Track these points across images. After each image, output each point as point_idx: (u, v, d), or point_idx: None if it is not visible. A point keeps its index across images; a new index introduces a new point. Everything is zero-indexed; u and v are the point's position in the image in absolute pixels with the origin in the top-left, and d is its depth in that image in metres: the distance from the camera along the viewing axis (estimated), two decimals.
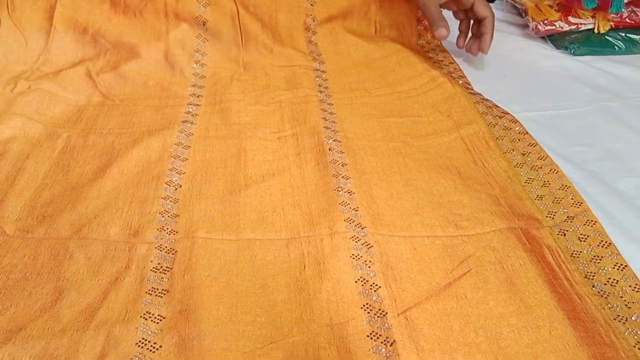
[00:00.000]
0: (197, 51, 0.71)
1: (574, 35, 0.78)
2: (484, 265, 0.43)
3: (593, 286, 0.42)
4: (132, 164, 0.53)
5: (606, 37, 0.78)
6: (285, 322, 0.40)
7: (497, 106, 0.62)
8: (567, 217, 0.47)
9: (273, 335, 0.39)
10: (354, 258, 0.44)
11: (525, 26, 0.83)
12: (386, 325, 0.39)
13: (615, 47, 0.77)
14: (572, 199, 0.48)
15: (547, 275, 0.42)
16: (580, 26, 0.78)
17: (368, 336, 0.38)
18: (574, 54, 0.77)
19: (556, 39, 0.80)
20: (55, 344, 0.37)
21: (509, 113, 0.60)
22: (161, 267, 0.44)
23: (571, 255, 0.44)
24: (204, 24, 0.72)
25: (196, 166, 0.54)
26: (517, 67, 0.75)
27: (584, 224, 0.46)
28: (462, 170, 0.54)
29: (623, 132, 0.61)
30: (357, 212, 0.48)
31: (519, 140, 0.56)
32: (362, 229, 0.46)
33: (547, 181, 0.51)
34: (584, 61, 0.76)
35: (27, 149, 0.55)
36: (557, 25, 0.79)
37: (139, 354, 0.37)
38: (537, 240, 0.45)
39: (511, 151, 0.55)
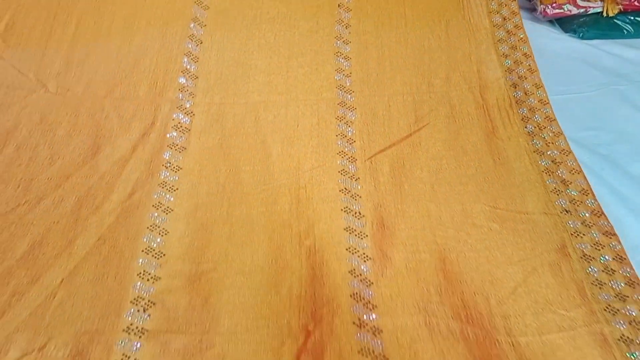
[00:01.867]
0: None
1: (582, 19, 0.78)
2: (441, 118, 0.55)
3: (525, 127, 0.54)
4: (158, 13, 0.61)
5: (615, 20, 0.77)
6: (278, 170, 0.52)
7: None
8: (521, 75, 0.57)
9: (266, 180, 0.51)
10: (337, 119, 0.55)
11: (532, 9, 0.82)
12: (354, 168, 0.51)
13: (624, 31, 0.77)
14: (535, 82, 0.57)
15: (489, 129, 0.54)
16: (588, 9, 0.78)
17: (339, 172, 0.50)
18: (582, 38, 0.77)
19: (564, 23, 0.79)
20: (95, 188, 0.48)
21: None
22: (181, 126, 0.55)
23: (516, 102, 0.56)
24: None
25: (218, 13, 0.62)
26: None
27: (533, 85, 0.57)
28: (450, 24, 0.62)
29: (634, 115, 0.61)
30: (349, 78, 0.58)
31: (506, 5, 0.65)
32: (350, 94, 0.57)
33: (519, 60, 0.60)
34: (593, 45, 0.75)
35: None
36: (566, 9, 0.78)
37: (160, 191, 0.50)
38: (490, 93, 0.56)
39: (496, 13, 0.63)
